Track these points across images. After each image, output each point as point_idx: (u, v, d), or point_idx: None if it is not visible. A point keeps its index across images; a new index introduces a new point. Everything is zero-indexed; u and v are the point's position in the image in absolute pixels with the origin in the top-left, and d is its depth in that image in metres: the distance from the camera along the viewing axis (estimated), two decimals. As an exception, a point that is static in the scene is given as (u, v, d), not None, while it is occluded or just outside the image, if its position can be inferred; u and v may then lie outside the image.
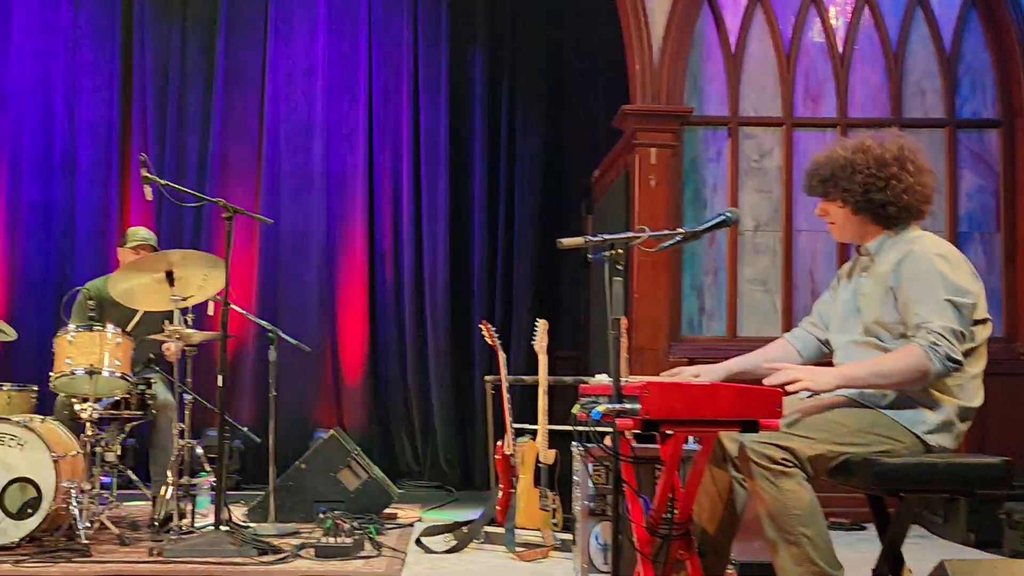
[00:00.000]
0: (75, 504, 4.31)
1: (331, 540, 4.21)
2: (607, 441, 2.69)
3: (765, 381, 2.70)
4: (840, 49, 5.83)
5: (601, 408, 2.53)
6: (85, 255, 6.93)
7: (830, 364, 2.93)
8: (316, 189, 7.07)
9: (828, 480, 2.79)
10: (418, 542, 4.54)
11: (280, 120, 7.15)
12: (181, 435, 4.67)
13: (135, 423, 4.95)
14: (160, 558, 4.07)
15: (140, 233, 5.42)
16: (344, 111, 7.18)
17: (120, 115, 7.13)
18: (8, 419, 4.36)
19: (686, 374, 2.95)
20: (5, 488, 4.26)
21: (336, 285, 7.07)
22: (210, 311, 4.96)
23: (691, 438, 3.09)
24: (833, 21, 5.86)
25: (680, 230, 2.91)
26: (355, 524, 4.49)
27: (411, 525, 5.07)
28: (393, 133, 7.20)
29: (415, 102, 7.19)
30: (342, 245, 7.07)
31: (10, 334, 5.02)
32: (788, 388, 2.66)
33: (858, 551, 3.91)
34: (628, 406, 2.47)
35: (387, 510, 5.28)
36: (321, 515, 4.87)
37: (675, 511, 2.70)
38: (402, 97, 7.20)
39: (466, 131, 7.23)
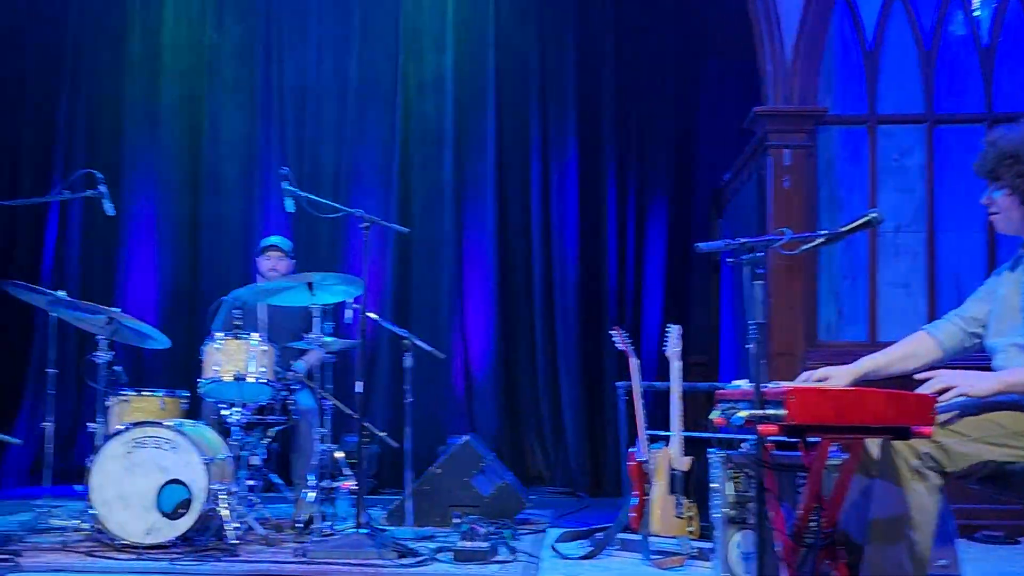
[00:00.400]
0: (224, 506, 4.50)
1: (467, 544, 4.26)
2: (750, 448, 2.65)
3: (919, 390, 2.59)
4: (985, 41, 5.59)
5: (743, 414, 2.48)
6: (230, 267, 7.22)
7: (977, 359, 2.79)
8: (447, 199, 7.20)
9: (981, 489, 2.67)
10: (553, 548, 4.55)
11: (411, 132, 7.30)
12: (322, 440, 4.81)
13: (278, 428, 5.12)
14: (304, 559, 4.19)
15: (271, 240, 5.64)
16: (473, 122, 7.29)
17: (260, 131, 7.41)
18: (162, 423, 4.57)
19: (814, 376, 2.84)
20: (161, 489, 4.47)
21: (467, 293, 7.17)
22: (347, 319, 5.10)
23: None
24: (977, 12, 5.62)
25: (822, 232, 2.83)
26: (491, 528, 4.53)
27: (544, 531, 5.08)
28: (522, 143, 7.27)
29: (543, 112, 7.25)
30: (472, 254, 7.18)
31: (163, 343, 5.25)
32: (943, 398, 2.56)
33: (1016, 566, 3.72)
34: (772, 412, 2.42)
35: (520, 516, 5.31)
36: (455, 520, 4.95)
37: (821, 520, 2.63)
38: (530, 107, 7.27)
39: (594, 138, 7.23)
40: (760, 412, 2.44)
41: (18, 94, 7.53)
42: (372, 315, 4.80)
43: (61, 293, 4.88)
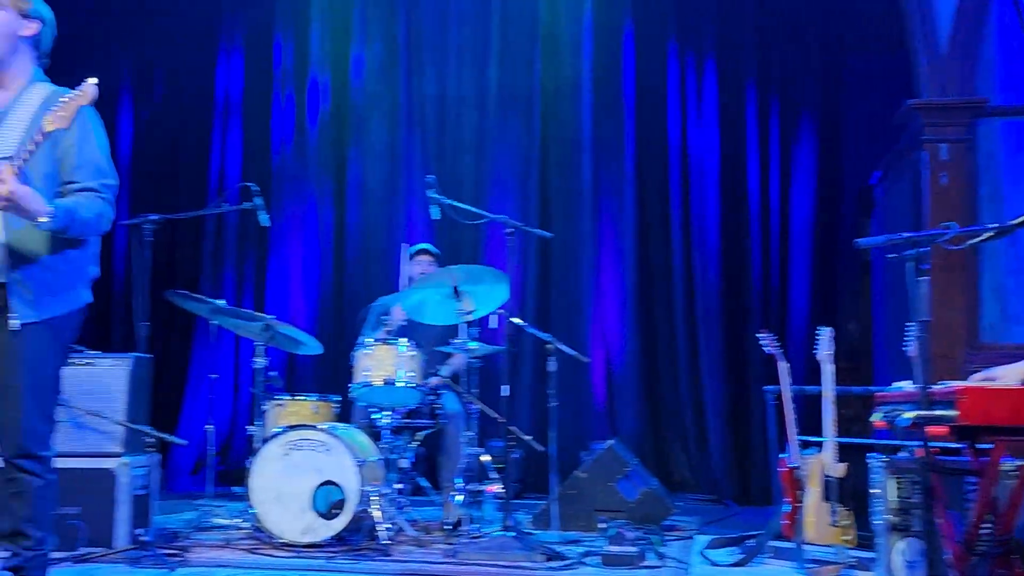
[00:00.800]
0: (376, 507, 4.61)
1: (615, 548, 4.24)
2: (910, 453, 2.54)
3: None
4: None
5: (909, 415, 2.39)
6: (377, 274, 7.40)
7: None
8: (585, 203, 7.20)
9: None
10: (702, 554, 4.47)
11: (549, 138, 7.34)
12: (469, 444, 4.87)
13: (426, 432, 5.21)
14: (455, 560, 4.25)
15: (422, 244, 5.76)
16: (611, 125, 7.27)
17: (403, 141, 7.58)
18: (316, 427, 4.72)
19: (978, 377, 2.70)
20: (316, 490, 4.61)
21: (606, 297, 7.14)
22: (492, 324, 5.17)
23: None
24: None
25: (991, 225, 2.70)
26: (638, 534, 4.49)
27: (691, 537, 5.01)
28: (660, 145, 7.21)
29: (682, 113, 7.18)
30: (611, 257, 7.15)
31: (316, 348, 5.43)
32: None
33: None
34: (941, 412, 2.32)
35: (665, 522, 5.25)
36: (601, 524, 4.93)
37: (995, 527, 2.50)
38: (668, 109, 7.20)
39: (735, 139, 7.11)
40: (928, 413, 2.34)
41: (176, 116, 7.93)
42: (516, 320, 4.83)
43: (221, 302, 5.09)
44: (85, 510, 4.33)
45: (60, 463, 3.14)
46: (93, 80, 2.74)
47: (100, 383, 4.58)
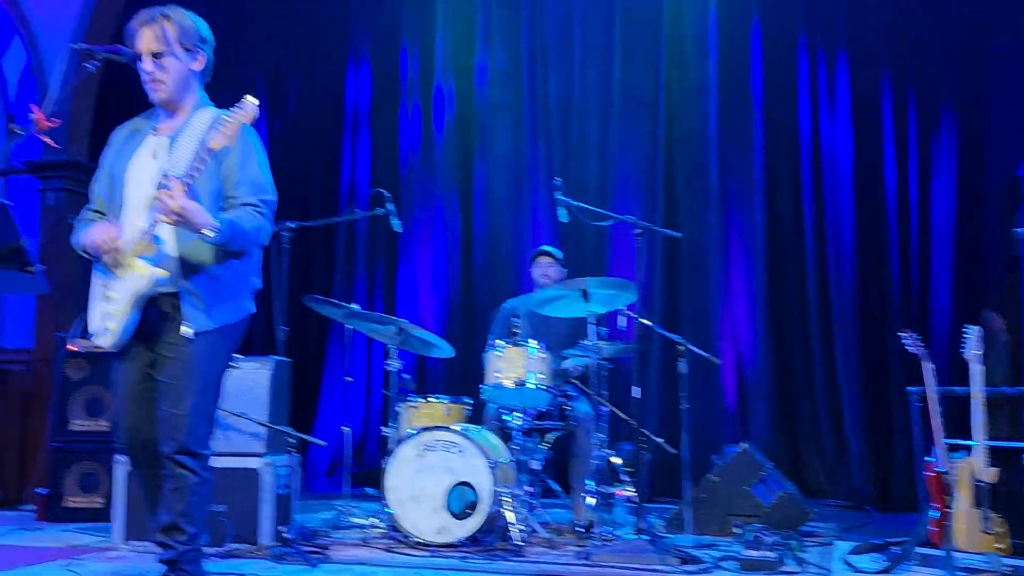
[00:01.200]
0: (508, 508, 4.64)
1: (753, 553, 4.15)
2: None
3: None
4: None
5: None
6: (503, 278, 7.46)
7: None
8: (713, 204, 7.09)
9: None
10: (845, 561, 4.34)
11: (675, 139, 7.26)
12: (599, 446, 4.86)
13: (556, 434, 5.22)
14: (588, 562, 4.24)
15: (543, 247, 5.78)
16: (738, 124, 7.13)
17: (527, 146, 7.62)
18: (450, 428, 4.78)
19: None
20: (449, 491, 4.67)
21: (735, 297, 7.01)
22: (621, 324, 5.14)
23: None
24: None
25: None
26: (776, 539, 4.39)
27: (831, 543, 4.86)
28: (790, 143, 7.02)
29: (814, 109, 6.98)
30: (740, 257, 7.01)
31: (447, 351, 5.50)
32: None
33: None
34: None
35: (802, 528, 5.11)
36: (736, 529, 4.85)
37: None
38: (798, 104, 7.02)
39: (870, 133, 6.87)
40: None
41: (308, 126, 8.17)
42: (645, 321, 4.80)
43: (355, 306, 5.22)
44: (231, 508, 4.50)
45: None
46: (253, 99, 2.91)
47: (244, 385, 4.75)
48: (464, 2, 7.88)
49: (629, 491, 4.94)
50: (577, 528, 4.91)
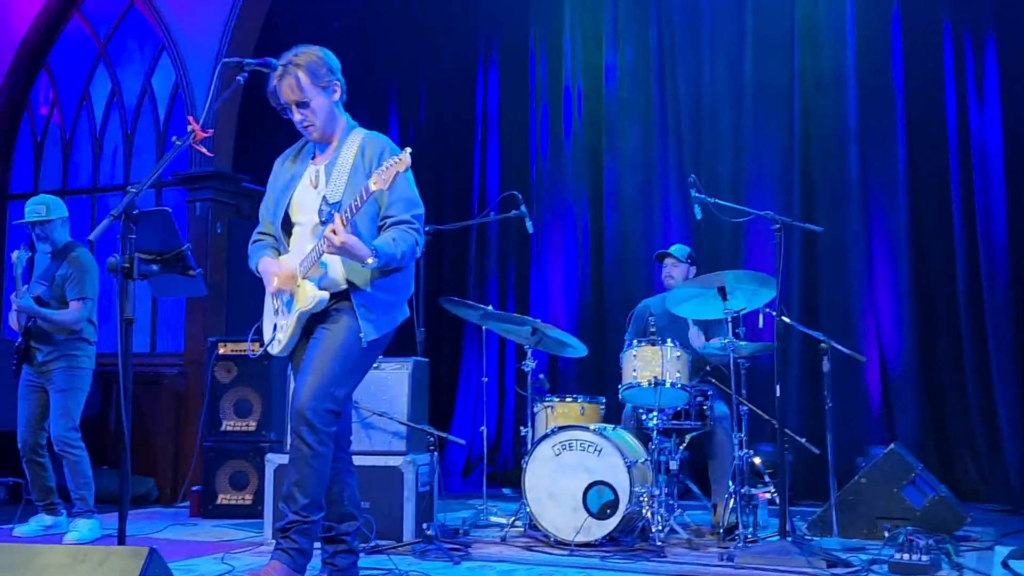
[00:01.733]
0: (647, 508, 4.60)
1: (905, 557, 4.00)
2: None
3: None
4: None
5: None
6: (637, 278, 7.41)
7: None
8: (853, 197, 6.86)
9: None
10: (1005, 565, 4.13)
11: (811, 132, 7.06)
12: (739, 446, 4.77)
13: (694, 433, 5.15)
14: (731, 563, 4.17)
15: (663, 251, 5.71)
16: (879, 117, 6.87)
17: (657, 144, 7.56)
18: (587, 428, 4.78)
19: None
20: (587, 490, 4.67)
21: (878, 292, 6.74)
22: (760, 323, 5.03)
23: None
24: None
25: None
26: (929, 542, 4.22)
27: (991, 548, 4.64)
28: (935, 133, 6.72)
29: (960, 94, 6.67)
30: (883, 251, 6.74)
31: (581, 351, 5.50)
32: None
33: None
34: None
35: (958, 532, 4.89)
36: (886, 532, 4.68)
37: None
38: (944, 95, 6.71)
39: (1022, 119, 6.53)
40: None
41: (439, 131, 8.32)
42: (785, 318, 4.68)
43: (489, 307, 5.28)
44: (374, 505, 4.62)
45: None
46: (408, 150, 3.12)
47: (385, 386, 4.86)
48: (592, 1, 7.88)
49: (771, 492, 4.84)
50: (718, 529, 4.84)
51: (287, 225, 3.46)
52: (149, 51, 7.52)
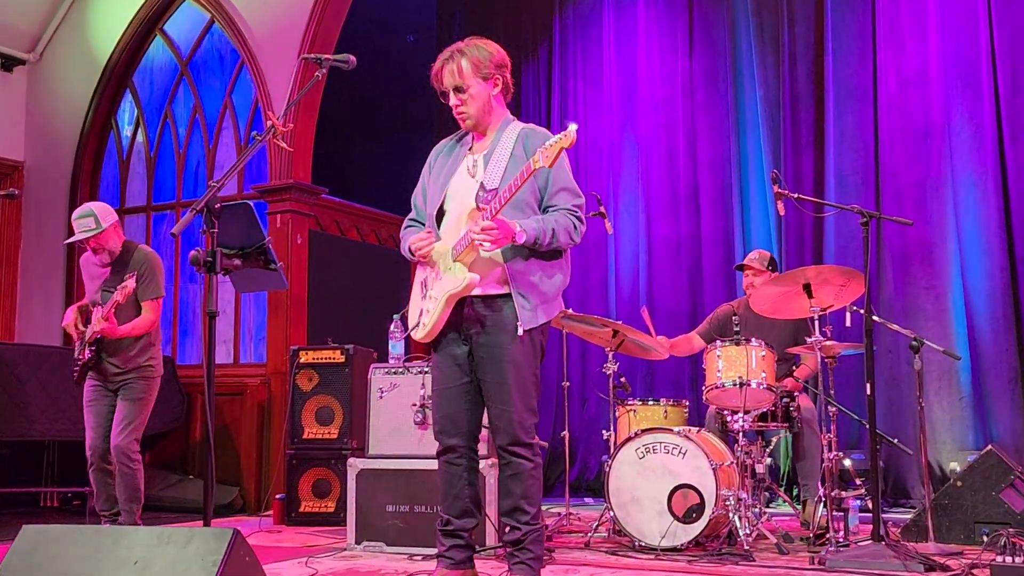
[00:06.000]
0: (734, 511, 4.50)
1: (1007, 561, 3.83)
2: None
3: None
4: None
5: None
6: (713, 282, 7.32)
7: None
8: (941, 195, 6.63)
9: None
10: (1116, 570, 3.94)
11: (895, 129, 6.85)
12: (827, 447, 4.64)
13: (781, 435, 5.03)
14: (823, 567, 4.06)
15: (750, 256, 5.61)
16: (966, 110, 6.62)
17: (736, 148, 7.45)
18: (671, 430, 4.70)
19: None
20: (672, 493, 4.58)
21: (970, 291, 6.47)
22: (848, 323, 4.90)
23: None
24: None
25: None
26: (1034, 546, 4.04)
27: (1099, 554, 4.42)
28: (1024, 123, 6.48)
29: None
30: (976, 251, 6.47)
31: (663, 354, 5.43)
32: None
33: None
34: None
35: (1062, 537, 4.69)
36: (985, 536, 4.51)
37: None
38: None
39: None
40: None
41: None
42: (875, 317, 4.54)
43: (569, 309, 5.23)
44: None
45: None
46: (574, 126, 3.11)
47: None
48: (667, 9, 7.84)
49: (862, 494, 4.70)
50: (808, 533, 4.71)
51: (441, 214, 3.49)
52: (229, 66, 7.67)
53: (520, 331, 3.29)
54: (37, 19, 8.30)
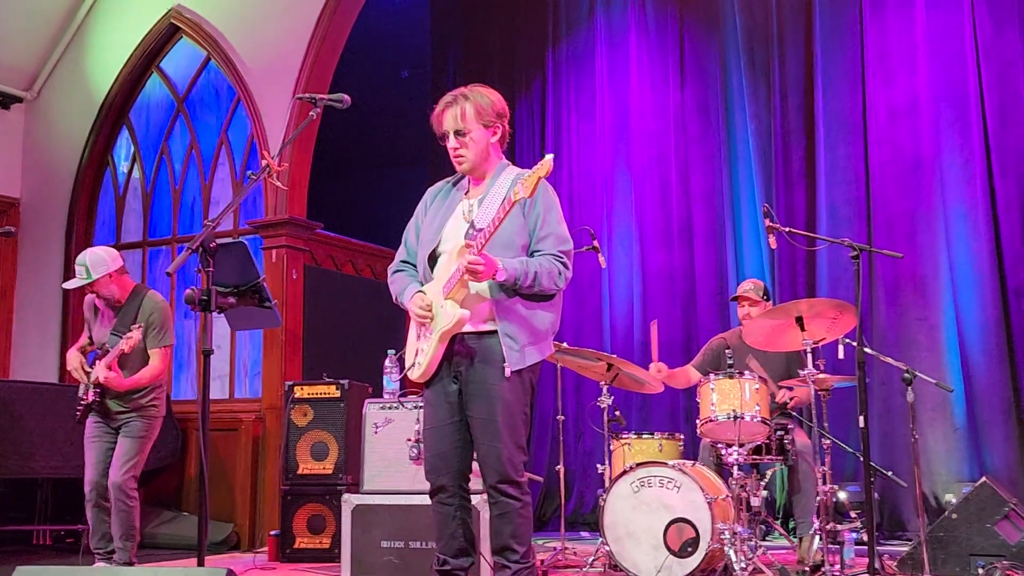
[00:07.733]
0: (729, 545, 4.49)
1: (1003, 594, 3.84)
2: None
3: None
4: None
5: None
6: (707, 314, 7.33)
7: None
8: (932, 226, 6.67)
9: None
10: (1112, 602, 3.95)
11: (886, 161, 6.90)
12: (822, 480, 4.64)
13: (775, 468, 5.03)
14: (820, 601, 4.05)
15: (744, 286, 5.64)
16: (956, 143, 6.66)
17: (728, 180, 7.50)
18: (665, 463, 4.70)
19: None
20: (667, 527, 4.58)
21: (963, 323, 6.49)
22: (840, 355, 4.92)
23: None
24: None
25: None
26: (1028, 579, 4.05)
27: (1095, 586, 4.43)
28: (1016, 157, 6.51)
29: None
30: (968, 282, 6.49)
31: (658, 387, 5.44)
32: None
33: None
34: None
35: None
36: (980, 569, 4.50)
37: None
38: (1022, 117, 6.53)
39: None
40: None
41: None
42: (868, 349, 4.56)
43: (564, 343, 5.24)
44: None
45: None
46: (550, 156, 3.15)
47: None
48: (658, 43, 7.92)
49: (857, 527, 4.70)
50: (804, 567, 4.70)
51: (435, 257, 3.52)
52: (225, 103, 7.73)
53: (508, 372, 3.31)
54: (35, 57, 8.37)
